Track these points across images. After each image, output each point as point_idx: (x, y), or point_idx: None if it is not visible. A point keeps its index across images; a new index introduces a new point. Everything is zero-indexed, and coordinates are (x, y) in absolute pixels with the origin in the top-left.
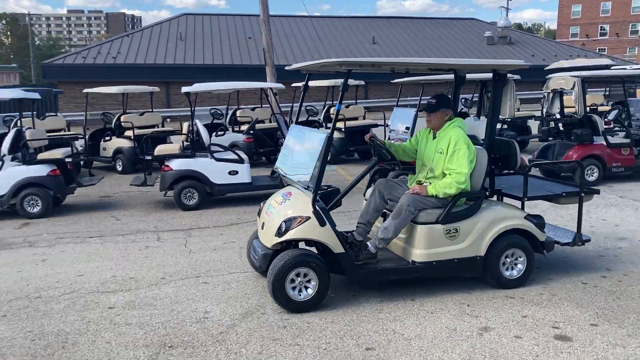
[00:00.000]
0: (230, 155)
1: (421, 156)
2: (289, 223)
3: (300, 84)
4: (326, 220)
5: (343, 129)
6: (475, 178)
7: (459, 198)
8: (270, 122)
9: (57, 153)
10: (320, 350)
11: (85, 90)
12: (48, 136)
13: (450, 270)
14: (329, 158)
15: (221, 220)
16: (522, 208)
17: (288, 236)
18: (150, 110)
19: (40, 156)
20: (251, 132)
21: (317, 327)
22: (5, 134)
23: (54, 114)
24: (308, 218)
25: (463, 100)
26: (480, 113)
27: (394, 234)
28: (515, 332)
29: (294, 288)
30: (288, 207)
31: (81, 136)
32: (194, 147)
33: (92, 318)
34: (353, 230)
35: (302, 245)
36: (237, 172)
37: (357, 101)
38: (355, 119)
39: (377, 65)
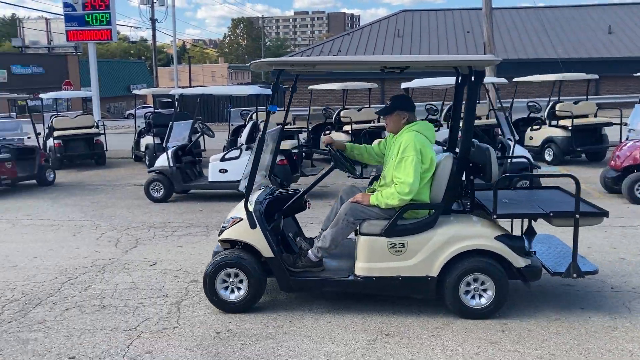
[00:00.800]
0: None
1: (385, 161)
2: (227, 223)
3: (522, 79)
4: (257, 223)
5: (570, 127)
6: (435, 189)
7: (406, 210)
8: (487, 118)
9: (285, 144)
10: None
11: (310, 87)
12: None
13: (394, 289)
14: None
15: None
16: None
17: (222, 236)
18: (368, 106)
19: None
20: None
21: (538, 336)
22: (242, 126)
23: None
24: (241, 219)
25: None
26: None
27: (330, 243)
28: None
29: (225, 288)
30: (236, 207)
31: (305, 129)
32: None
33: (316, 300)
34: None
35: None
36: None
37: (588, 97)
38: (585, 116)
39: (310, 65)
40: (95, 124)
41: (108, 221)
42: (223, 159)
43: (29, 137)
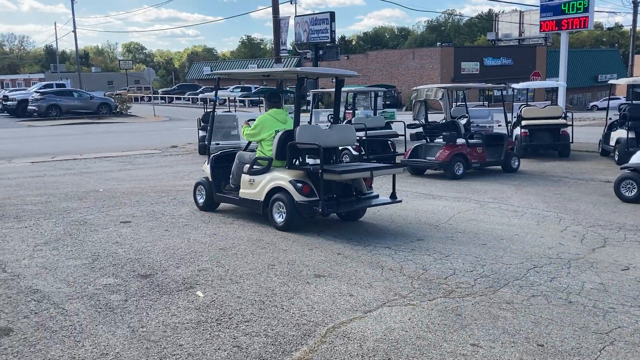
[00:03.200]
0: None
1: None
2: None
3: None
4: (207, 163)
5: None
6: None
7: (256, 160)
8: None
9: None
10: None
11: None
12: None
13: (250, 206)
14: None
15: None
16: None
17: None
18: None
19: None
20: None
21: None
22: None
23: None
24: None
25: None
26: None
27: (232, 179)
28: None
29: (200, 196)
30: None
31: None
32: None
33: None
34: None
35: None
36: None
37: None
38: None
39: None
40: (563, 115)
41: (572, 215)
42: None
43: (499, 125)
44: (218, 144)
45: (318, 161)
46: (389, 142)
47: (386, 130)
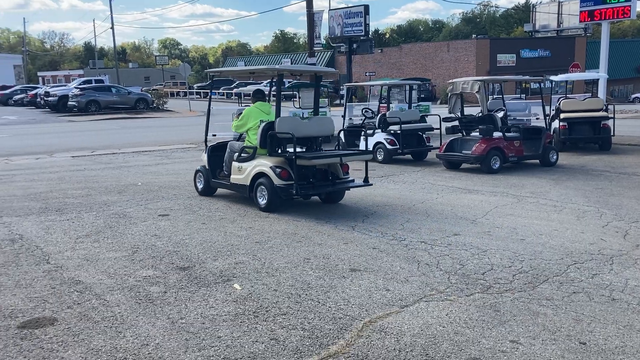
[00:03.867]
0: None
1: None
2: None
3: None
4: (205, 153)
5: None
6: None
7: (243, 149)
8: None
9: None
10: None
11: None
12: None
13: (239, 190)
14: None
15: None
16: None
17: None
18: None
19: None
20: None
21: None
22: None
23: None
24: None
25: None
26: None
27: (225, 166)
28: None
29: (199, 181)
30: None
31: None
32: None
33: None
34: None
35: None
36: None
37: None
38: None
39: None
40: (604, 107)
41: (614, 210)
42: None
43: (537, 118)
44: (215, 135)
45: (302, 149)
46: (424, 135)
47: (421, 123)
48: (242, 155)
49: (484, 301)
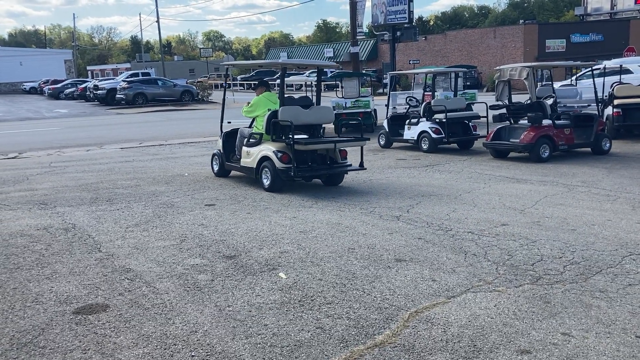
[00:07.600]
0: None
1: None
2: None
3: None
4: (220, 139)
5: None
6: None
7: (252, 135)
8: None
9: None
10: None
11: None
12: None
13: (247, 172)
14: None
15: None
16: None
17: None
18: None
19: None
20: None
21: None
22: None
23: None
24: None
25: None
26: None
27: (236, 150)
28: None
29: (215, 163)
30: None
31: None
32: None
33: None
34: None
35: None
36: None
37: None
38: None
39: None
40: None
41: None
42: None
43: (588, 105)
44: (230, 122)
45: (304, 136)
46: (470, 124)
47: (467, 111)
48: (251, 140)
49: (533, 292)
